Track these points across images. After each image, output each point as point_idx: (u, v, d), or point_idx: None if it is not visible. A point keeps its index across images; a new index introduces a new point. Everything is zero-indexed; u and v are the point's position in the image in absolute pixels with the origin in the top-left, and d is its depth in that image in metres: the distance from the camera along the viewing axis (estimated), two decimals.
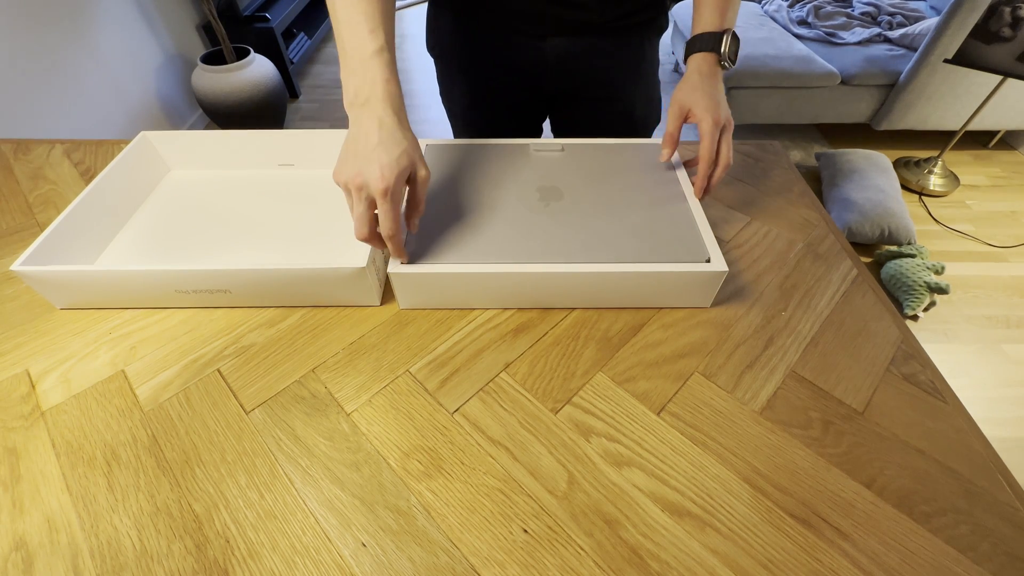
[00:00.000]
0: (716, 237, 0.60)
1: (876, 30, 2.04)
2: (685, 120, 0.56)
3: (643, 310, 0.52)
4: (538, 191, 0.57)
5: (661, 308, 0.52)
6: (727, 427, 0.43)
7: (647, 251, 0.50)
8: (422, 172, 0.45)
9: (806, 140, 2.20)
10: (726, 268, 0.48)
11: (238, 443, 0.42)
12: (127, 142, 0.71)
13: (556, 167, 0.60)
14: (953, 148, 1.99)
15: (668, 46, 2.78)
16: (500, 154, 0.62)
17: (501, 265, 0.49)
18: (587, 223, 0.53)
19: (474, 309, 0.52)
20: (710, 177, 0.54)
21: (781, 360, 0.48)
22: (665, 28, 0.75)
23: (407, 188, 0.46)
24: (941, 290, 1.46)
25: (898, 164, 1.98)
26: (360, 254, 0.48)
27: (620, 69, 0.73)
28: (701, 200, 0.56)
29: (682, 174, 0.59)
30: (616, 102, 0.76)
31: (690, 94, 0.55)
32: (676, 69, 2.77)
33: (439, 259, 0.49)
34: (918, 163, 1.97)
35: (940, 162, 1.92)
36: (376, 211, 0.43)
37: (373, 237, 0.44)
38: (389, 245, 0.45)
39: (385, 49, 0.45)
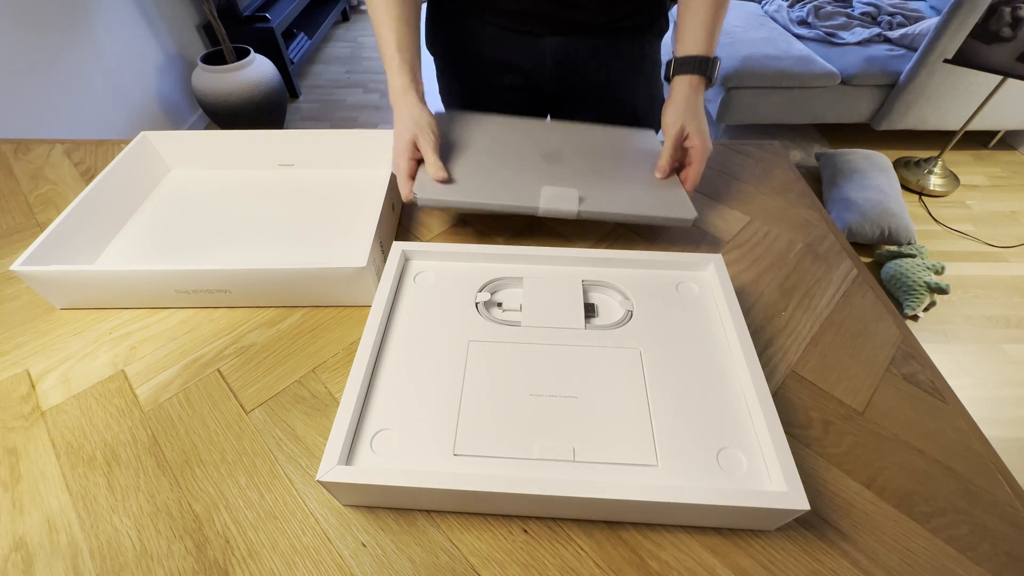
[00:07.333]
0: (716, 237, 0.60)
1: (876, 30, 2.04)
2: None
3: None
4: (542, 157, 0.61)
5: None
6: None
7: (638, 204, 0.55)
8: (420, 139, 0.55)
9: (806, 140, 2.20)
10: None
11: (238, 443, 0.42)
12: (127, 142, 0.71)
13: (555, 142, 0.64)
14: (953, 148, 1.99)
15: (668, 45, 2.78)
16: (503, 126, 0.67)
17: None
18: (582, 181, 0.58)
19: None
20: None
21: (781, 360, 0.48)
22: (666, 30, 0.75)
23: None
24: (941, 290, 1.46)
25: (898, 164, 1.98)
26: (360, 254, 0.48)
27: (620, 69, 0.73)
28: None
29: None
30: (617, 102, 0.76)
31: (685, 115, 0.57)
32: None
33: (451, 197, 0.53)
34: (918, 163, 1.97)
35: (940, 162, 1.92)
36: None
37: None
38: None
39: (406, 63, 0.57)
